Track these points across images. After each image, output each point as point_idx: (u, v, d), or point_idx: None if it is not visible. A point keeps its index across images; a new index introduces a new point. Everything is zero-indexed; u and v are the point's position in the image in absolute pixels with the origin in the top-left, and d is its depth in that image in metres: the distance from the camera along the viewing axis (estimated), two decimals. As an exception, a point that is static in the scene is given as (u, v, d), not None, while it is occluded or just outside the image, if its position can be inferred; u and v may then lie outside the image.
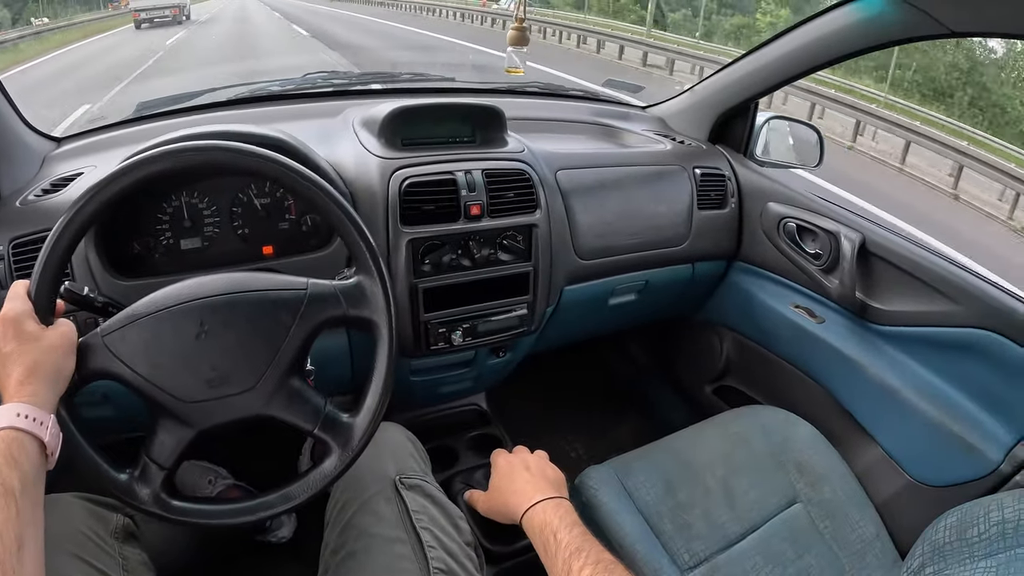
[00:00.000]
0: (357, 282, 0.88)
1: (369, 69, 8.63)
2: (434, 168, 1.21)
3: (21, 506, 0.64)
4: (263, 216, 1.21)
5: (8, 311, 0.77)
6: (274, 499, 0.85)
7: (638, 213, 1.44)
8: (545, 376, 1.78)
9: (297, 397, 0.84)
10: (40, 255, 0.79)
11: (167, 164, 0.82)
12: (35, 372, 0.74)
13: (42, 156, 1.34)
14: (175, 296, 0.82)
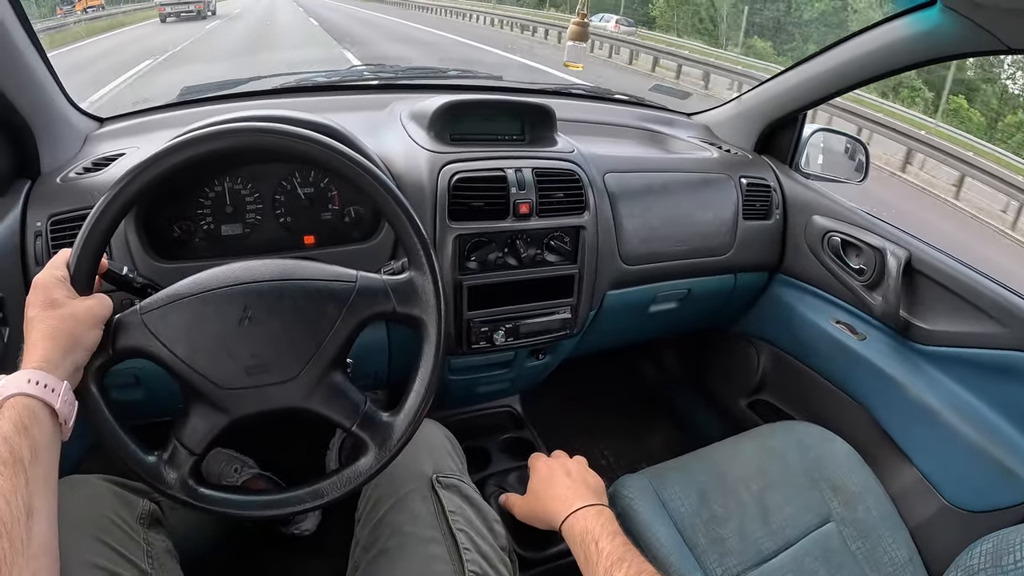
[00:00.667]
0: (408, 278, 0.88)
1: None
2: (485, 164, 1.24)
3: (31, 475, 0.64)
4: (306, 205, 1.23)
5: (42, 277, 0.78)
6: (304, 494, 0.85)
7: (684, 220, 1.47)
8: (577, 381, 1.82)
9: (337, 392, 0.85)
10: (84, 225, 0.80)
11: (223, 143, 0.83)
12: (50, 338, 0.73)
13: (84, 135, 1.38)
14: (220, 279, 0.82)
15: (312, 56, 12.95)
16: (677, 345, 2.06)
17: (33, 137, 1.19)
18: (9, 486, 0.60)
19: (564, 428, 1.62)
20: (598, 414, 1.97)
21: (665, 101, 1.89)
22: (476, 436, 1.47)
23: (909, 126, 10.32)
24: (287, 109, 1.21)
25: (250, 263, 0.85)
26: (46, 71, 1.22)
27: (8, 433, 0.64)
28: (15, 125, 1.16)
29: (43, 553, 0.61)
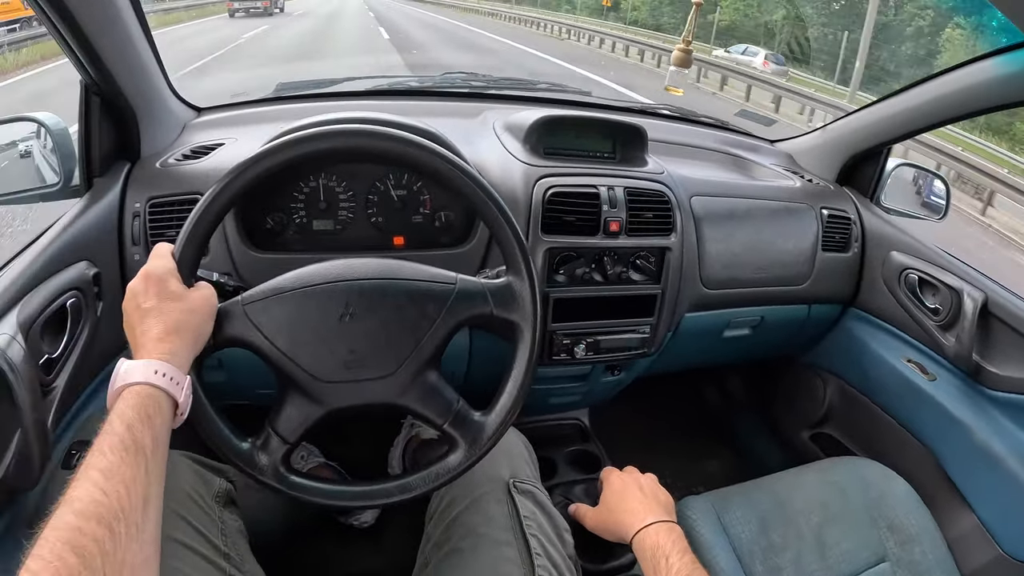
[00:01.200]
0: (507, 282, 0.92)
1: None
2: (579, 180, 1.31)
3: (151, 464, 0.66)
4: (398, 207, 1.30)
5: (153, 268, 0.81)
6: (393, 487, 0.89)
7: (764, 248, 1.52)
8: (644, 399, 1.88)
9: (432, 391, 0.89)
10: (191, 216, 0.84)
11: (335, 143, 0.88)
12: (175, 331, 0.77)
13: (183, 123, 1.47)
14: (323, 275, 0.86)
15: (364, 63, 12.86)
16: (744, 371, 2.11)
17: (136, 121, 1.28)
18: (131, 473, 0.63)
19: (627, 444, 1.67)
20: (660, 433, 2.02)
21: (749, 127, 1.91)
22: (543, 446, 1.53)
23: (994, 165, 9.67)
24: (383, 112, 1.26)
25: (352, 261, 0.89)
26: (153, 58, 1.30)
27: (132, 421, 0.67)
28: (120, 108, 1.24)
29: (152, 541, 0.64)
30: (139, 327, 0.77)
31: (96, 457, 0.63)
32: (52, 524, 0.57)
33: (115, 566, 0.56)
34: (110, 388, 0.73)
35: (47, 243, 1.05)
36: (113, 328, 1.17)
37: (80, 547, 0.55)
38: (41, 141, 1.30)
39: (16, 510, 0.94)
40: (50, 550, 0.54)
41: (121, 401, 0.70)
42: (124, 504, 0.60)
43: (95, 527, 0.57)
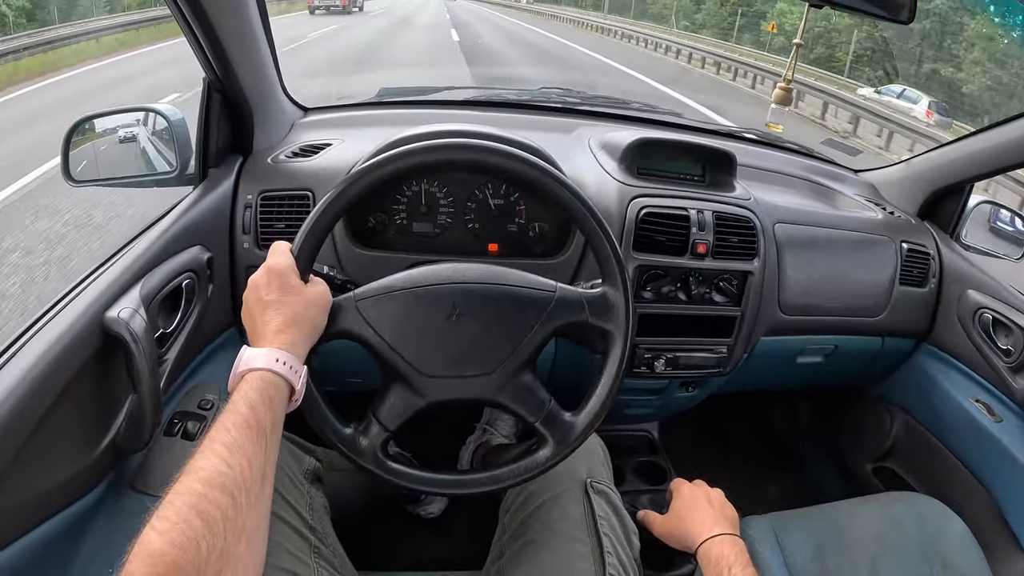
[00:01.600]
0: (603, 292, 0.98)
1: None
2: (671, 202, 1.37)
3: (269, 443, 0.72)
4: (495, 215, 1.39)
5: (274, 264, 0.87)
6: (484, 478, 0.96)
7: (843, 278, 1.56)
8: (711, 417, 1.90)
9: (527, 390, 0.95)
10: (311, 216, 0.91)
11: (450, 155, 0.95)
12: (295, 323, 0.84)
13: (292, 121, 1.57)
14: (434, 276, 0.93)
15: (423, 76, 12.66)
16: (812, 398, 2.14)
17: (252, 118, 1.37)
18: (252, 449, 0.68)
19: (692, 460, 1.70)
20: (724, 453, 2.06)
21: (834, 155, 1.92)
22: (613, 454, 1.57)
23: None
24: (476, 123, 1.35)
25: (460, 265, 0.96)
26: (271, 59, 1.40)
27: (255, 403, 0.73)
28: (239, 105, 1.34)
29: (265, 513, 0.70)
30: (260, 318, 0.84)
31: (221, 432, 0.69)
32: (177, 490, 0.63)
33: (235, 532, 0.62)
34: (233, 372, 0.79)
35: (167, 226, 1.15)
36: (219, 310, 1.27)
37: (204, 512, 0.60)
38: (148, 129, 1.39)
39: (121, 470, 1.03)
40: (176, 512, 0.60)
41: (244, 384, 0.76)
42: (245, 476, 0.66)
43: (219, 495, 0.63)
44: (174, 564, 0.56)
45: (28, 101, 9.06)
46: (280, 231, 1.31)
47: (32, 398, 0.81)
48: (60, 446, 0.87)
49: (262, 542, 0.68)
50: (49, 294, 1.11)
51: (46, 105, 8.54)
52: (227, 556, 0.60)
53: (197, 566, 0.57)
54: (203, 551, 0.58)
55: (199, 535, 0.59)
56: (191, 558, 0.57)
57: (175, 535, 0.58)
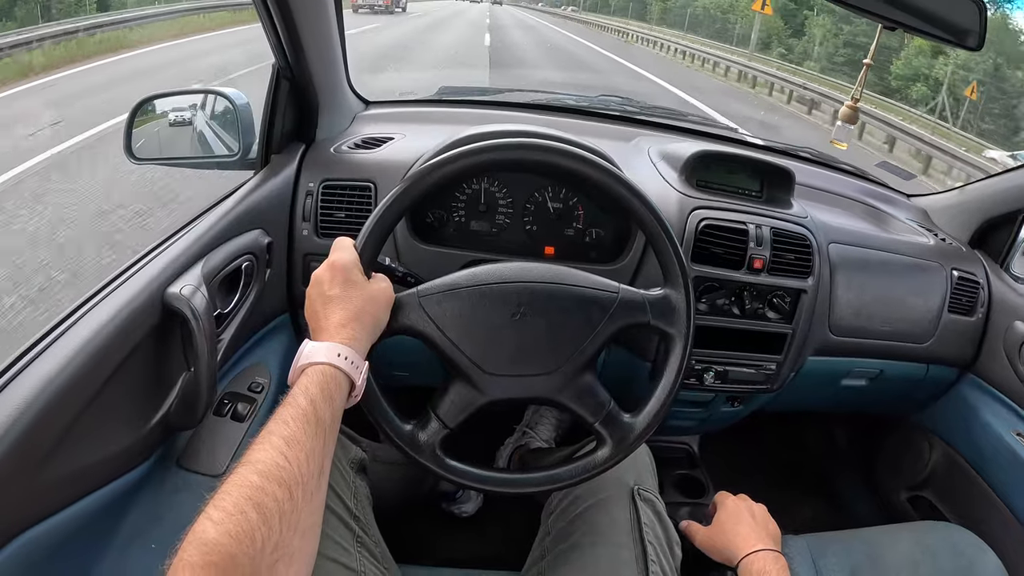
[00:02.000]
0: (665, 295, 1.00)
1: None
2: (731, 216, 1.39)
3: (327, 438, 0.73)
4: (553, 219, 1.41)
5: (338, 259, 0.88)
6: (542, 477, 0.97)
7: (893, 302, 1.57)
8: (750, 435, 1.92)
9: (588, 390, 0.96)
10: (375, 212, 0.93)
11: (519, 155, 0.97)
12: (357, 318, 0.84)
13: (354, 113, 1.60)
14: (499, 275, 0.95)
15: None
16: (851, 422, 2.14)
17: (317, 107, 1.40)
18: (310, 444, 0.69)
19: (729, 476, 1.69)
20: (761, 471, 2.06)
21: (887, 178, 1.91)
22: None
23: None
24: (542, 126, 1.36)
25: (524, 264, 0.98)
26: (341, 51, 1.41)
27: (315, 397, 0.74)
28: (306, 93, 1.37)
29: (320, 508, 0.70)
30: (322, 312, 0.85)
31: (279, 426, 0.69)
32: (235, 481, 0.63)
33: (290, 526, 0.62)
34: (294, 365, 0.80)
35: (229, 208, 1.18)
36: (274, 294, 1.29)
37: (261, 504, 0.61)
38: (206, 113, 1.42)
39: (169, 446, 1.05)
40: (233, 503, 0.60)
41: (305, 378, 0.77)
42: (303, 471, 0.66)
43: (276, 488, 0.63)
44: (228, 554, 0.57)
45: (108, 70, 9.99)
46: (340, 221, 1.34)
47: (91, 369, 0.82)
48: (113, 418, 0.89)
49: (316, 536, 0.69)
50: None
51: (121, 73, 9.64)
52: (281, 549, 0.61)
53: (252, 557, 0.58)
54: (258, 543, 0.59)
55: (254, 527, 0.59)
56: (246, 549, 0.58)
57: (231, 526, 0.58)
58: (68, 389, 0.78)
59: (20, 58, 8.95)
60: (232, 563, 0.56)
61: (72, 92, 8.29)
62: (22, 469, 0.72)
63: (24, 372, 0.77)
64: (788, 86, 15.66)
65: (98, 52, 10.70)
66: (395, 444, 0.93)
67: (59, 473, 0.79)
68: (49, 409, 0.75)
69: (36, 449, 0.74)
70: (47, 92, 8.25)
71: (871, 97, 17.16)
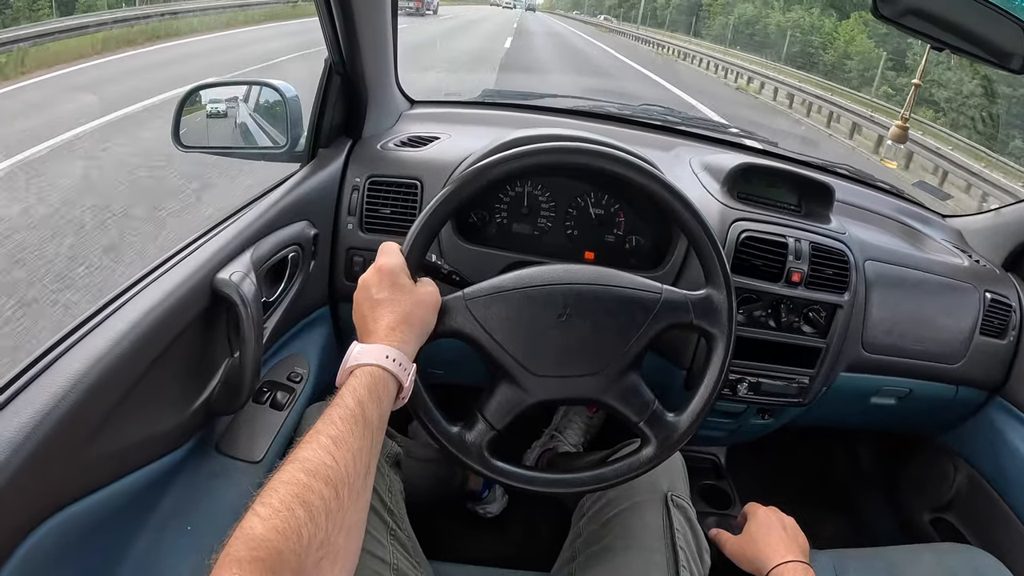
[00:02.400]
0: (707, 295, 1.01)
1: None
2: (771, 228, 1.40)
3: (375, 439, 0.74)
4: (594, 224, 1.42)
5: (385, 263, 0.90)
6: (587, 477, 0.98)
7: (926, 321, 1.56)
8: (776, 449, 1.91)
9: (632, 390, 0.98)
10: (423, 214, 0.94)
11: (568, 158, 0.99)
12: (406, 322, 0.86)
13: (400, 112, 1.63)
14: (544, 277, 0.96)
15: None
16: (877, 441, 2.12)
17: (366, 104, 1.42)
18: (357, 444, 0.70)
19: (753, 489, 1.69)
20: (785, 485, 2.05)
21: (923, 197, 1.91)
22: None
23: None
24: (586, 132, 1.41)
25: (568, 266, 0.99)
26: (392, 50, 1.42)
27: (363, 398, 0.75)
28: (356, 89, 1.39)
29: (365, 507, 0.71)
30: (370, 315, 0.86)
31: (328, 425, 0.70)
32: (282, 478, 0.64)
33: (336, 524, 0.63)
34: (342, 366, 0.82)
35: (277, 198, 1.20)
36: (317, 286, 1.31)
37: (308, 502, 0.62)
38: (249, 106, 1.45)
39: (209, 431, 1.07)
40: (280, 500, 0.61)
41: (353, 379, 0.78)
42: (350, 471, 0.67)
43: (323, 487, 0.64)
44: (275, 550, 0.57)
45: (167, 52, 11.57)
46: (385, 217, 1.36)
47: (139, 349, 0.84)
48: (158, 400, 0.91)
49: (360, 535, 0.70)
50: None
51: (177, 55, 11.06)
52: (327, 547, 0.62)
53: (298, 554, 0.59)
54: (304, 540, 0.59)
55: (301, 524, 0.60)
56: (292, 546, 0.58)
57: (278, 522, 0.59)
58: (117, 367, 0.80)
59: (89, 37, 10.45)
60: (279, 559, 0.57)
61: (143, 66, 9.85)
62: (72, 442, 0.74)
63: (75, 347, 0.79)
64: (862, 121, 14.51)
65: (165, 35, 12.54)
66: (442, 446, 0.94)
67: (105, 450, 0.80)
68: (99, 386, 0.76)
69: (85, 424, 0.75)
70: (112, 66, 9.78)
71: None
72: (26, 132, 5.97)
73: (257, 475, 1.05)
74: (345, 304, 1.42)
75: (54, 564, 0.72)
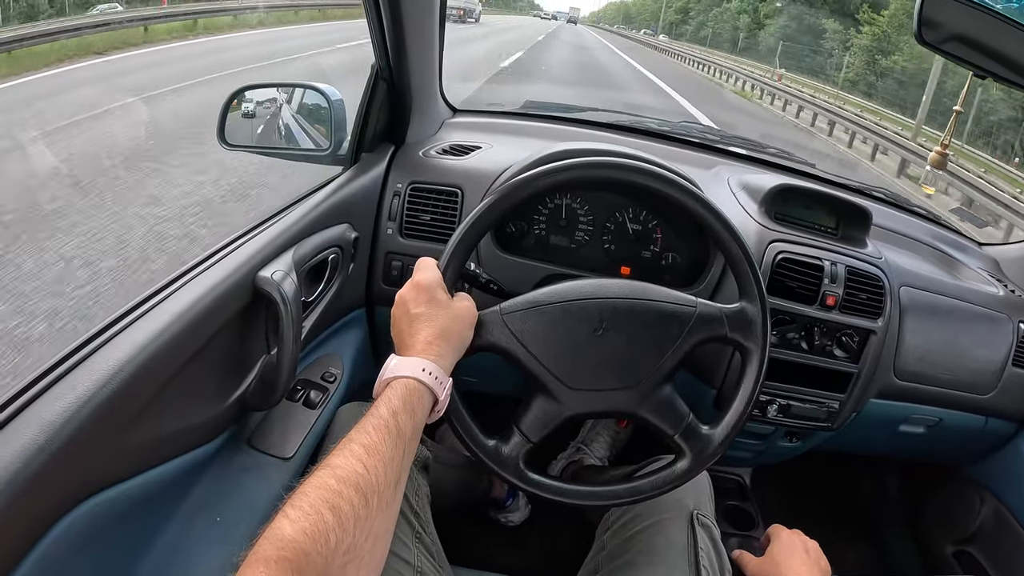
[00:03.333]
0: (741, 307, 1.02)
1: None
2: (807, 251, 1.40)
3: (407, 450, 0.75)
4: (631, 239, 1.43)
5: (422, 279, 0.91)
6: (622, 490, 0.99)
7: (959, 350, 1.55)
8: (801, 473, 1.90)
9: (667, 403, 0.99)
10: (461, 227, 0.96)
11: (607, 173, 1.01)
12: (443, 336, 0.87)
13: (442, 119, 1.65)
14: (580, 292, 0.97)
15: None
16: (903, 469, 2.10)
17: (410, 110, 1.45)
18: (389, 454, 0.71)
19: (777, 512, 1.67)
20: (807, 510, 2.03)
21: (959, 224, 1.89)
22: None
23: None
24: (626, 147, 1.42)
25: (604, 280, 1.01)
26: (438, 58, 1.44)
27: (397, 409, 0.77)
28: (401, 96, 1.42)
29: (393, 517, 0.73)
30: (408, 329, 0.88)
31: (360, 434, 0.72)
32: (313, 483, 0.66)
33: (364, 532, 0.65)
34: (379, 378, 0.84)
35: (320, 200, 1.23)
36: (354, 288, 1.33)
37: (337, 508, 0.63)
38: (292, 108, 1.47)
39: (241, 426, 1.09)
40: (310, 504, 0.63)
41: (389, 390, 0.80)
42: (380, 480, 0.69)
43: (353, 494, 0.65)
44: (302, 552, 0.59)
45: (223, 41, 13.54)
46: (425, 223, 1.38)
47: (181, 341, 0.86)
48: (195, 391, 0.93)
49: (387, 542, 0.71)
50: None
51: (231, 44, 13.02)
52: (353, 552, 0.63)
53: (325, 557, 0.60)
54: (332, 544, 0.61)
55: (329, 528, 0.61)
56: (320, 549, 0.60)
57: (306, 525, 0.61)
58: (159, 358, 0.82)
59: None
60: (305, 560, 0.59)
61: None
62: (110, 429, 0.76)
63: (118, 336, 0.81)
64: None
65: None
66: (479, 459, 0.95)
67: (140, 439, 0.82)
68: (138, 376, 0.78)
69: (124, 412, 0.77)
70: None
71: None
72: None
73: (287, 471, 1.07)
74: (382, 307, 1.44)
75: (87, 545, 0.74)
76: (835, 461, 2.05)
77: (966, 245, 1.89)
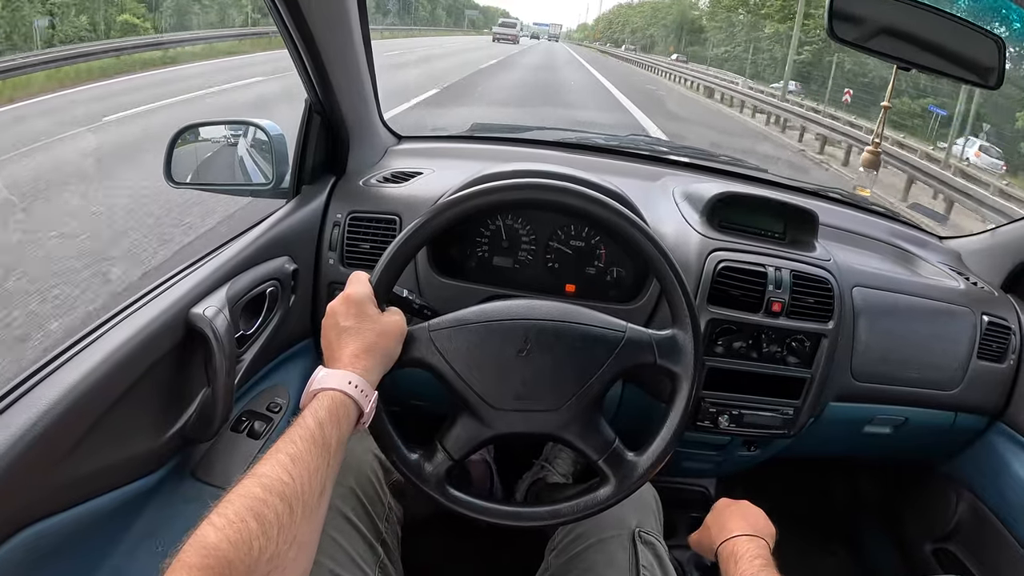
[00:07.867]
0: (672, 335, 1.02)
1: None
2: (750, 258, 1.42)
3: (332, 461, 0.77)
4: (575, 257, 1.46)
5: (353, 292, 0.94)
6: (544, 512, 0.99)
7: (920, 348, 1.58)
8: (769, 480, 1.90)
9: (592, 428, 0.99)
10: (391, 247, 0.98)
11: (529, 195, 1.02)
12: (370, 350, 0.89)
13: (385, 147, 1.69)
14: (507, 312, 0.99)
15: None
16: (876, 470, 2.12)
17: (348, 141, 1.49)
18: (315, 464, 0.74)
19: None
20: (780, 518, 2.00)
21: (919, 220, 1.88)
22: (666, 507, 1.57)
23: None
24: (569, 166, 1.41)
25: (532, 301, 1.02)
26: (371, 88, 1.51)
27: (323, 420, 0.79)
28: (337, 128, 1.46)
29: (318, 527, 0.75)
30: (336, 342, 0.91)
31: (287, 444, 0.75)
32: (239, 492, 0.68)
33: (287, 540, 0.67)
34: (306, 389, 0.86)
35: (258, 235, 1.27)
36: (299, 320, 1.37)
37: (262, 516, 0.65)
38: (247, 141, 1.52)
39: (185, 457, 1.13)
40: (235, 512, 0.65)
41: (316, 402, 0.82)
42: (305, 489, 0.71)
43: (277, 502, 0.67)
44: (225, 559, 0.61)
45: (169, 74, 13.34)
46: (365, 252, 1.42)
47: (112, 379, 0.90)
48: (133, 425, 0.97)
49: (311, 553, 0.74)
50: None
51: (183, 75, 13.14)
52: (276, 560, 0.65)
53: (248, 565, 0.62)
54: (255, 552, 0.63)
55: (253, 536, 0.63)
56: (243, 556, 0.62)
57: (231, 532, 0.63)
58: (90, 395, 0.86)
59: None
60: (228, 568, 0.60)
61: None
62: (38, 466, 0.79)
63: (48, 379, 0.85)
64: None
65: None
66: (401, 473, 0.97)
67: (76, 472, 0.86)
68: (69, 413, 0.82)
69: (54, 449, 0.81)
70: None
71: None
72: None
73: None
74: None
75: (25, 574, 0.78)
76: (805, 466, 2.07)
77: (926, 240, 1.91)
